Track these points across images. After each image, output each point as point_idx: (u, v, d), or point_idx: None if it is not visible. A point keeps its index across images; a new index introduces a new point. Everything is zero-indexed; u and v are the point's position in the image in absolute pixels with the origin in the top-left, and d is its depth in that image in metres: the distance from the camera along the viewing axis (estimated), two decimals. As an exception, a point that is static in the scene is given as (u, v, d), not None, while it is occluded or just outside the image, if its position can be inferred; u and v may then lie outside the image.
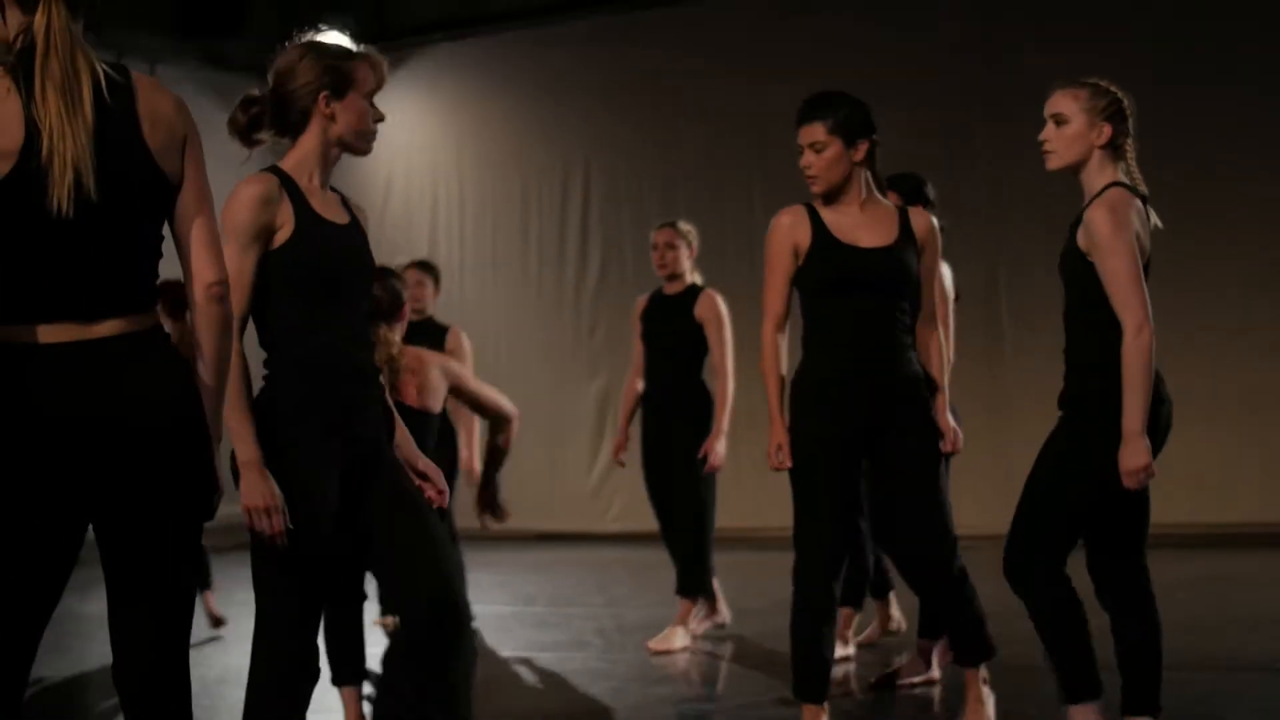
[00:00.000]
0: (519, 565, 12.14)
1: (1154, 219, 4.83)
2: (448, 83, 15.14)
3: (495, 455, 6.24)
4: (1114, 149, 4.81)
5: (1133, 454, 4.60)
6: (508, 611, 9.62)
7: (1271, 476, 11.48)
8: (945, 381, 5.66)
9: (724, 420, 7.76)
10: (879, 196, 5.51)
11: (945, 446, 5.54)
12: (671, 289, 8.16)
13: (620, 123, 14.18)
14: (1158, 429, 4.72)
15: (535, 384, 13.77)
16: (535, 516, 12.57)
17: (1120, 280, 4.63)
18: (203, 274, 3.37)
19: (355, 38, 4.53)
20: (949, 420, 5.58)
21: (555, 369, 14.23)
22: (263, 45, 4.79)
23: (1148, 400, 4.61)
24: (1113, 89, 4.84)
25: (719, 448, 7.72)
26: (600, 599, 10.20)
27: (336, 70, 4.30)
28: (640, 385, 8.21)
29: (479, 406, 6.36)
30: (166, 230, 3.39)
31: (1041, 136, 4.87)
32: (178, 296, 6.37)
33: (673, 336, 8.02)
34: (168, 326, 6.00)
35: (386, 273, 5.93)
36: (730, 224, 13.48)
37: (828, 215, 5.43)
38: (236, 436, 4.01)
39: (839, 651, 6.60)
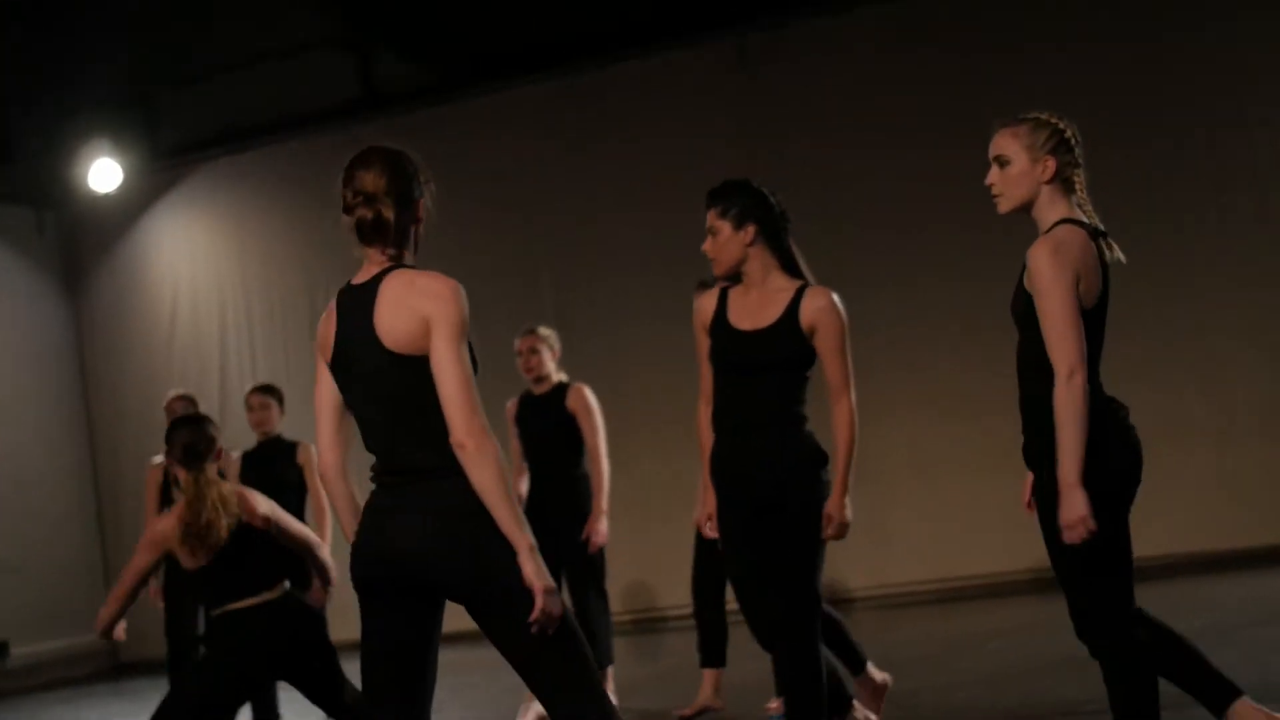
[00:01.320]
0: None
1: (1115, 253, 4.68)
2: (227, 197, 15.07)
3: (323, 577, 6.56)
4: (1063, 182, 4.65)
5: (1069, 506, 4.43)
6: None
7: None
8: (843, 461, 5.64)
9: (603, 501, 8.43)
10: (782, 277, 5.71)
11: (826, 533, 5.58)
12: (540, 389, 8.74)
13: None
14: (1126, 470, 4.59)
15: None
16: (342, 628, 12.42)
17: (1053, 322, 4.47)
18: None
19: (127, 160, 4.60)
20: (838, 502, 5.60)
21: (360, 473, 14.10)
22: (31, 171, 4.75)
23: (1082, 448, 4.41)
24: (1053, 120, 4.69)
25: (601, 527, 8.40)
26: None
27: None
28: (524, 483, 8.66)
29: (292, 543, 6.43)
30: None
31: (987, 181, 4.75)
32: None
33: (550, 432, 8.60)
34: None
35: (201, 419, 6.47)
36: (517, 309, 13.59)
37: (733, 296, 5.74)
38: None
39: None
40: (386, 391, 4.07)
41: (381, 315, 4.09)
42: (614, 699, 8.09)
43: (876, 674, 6.73)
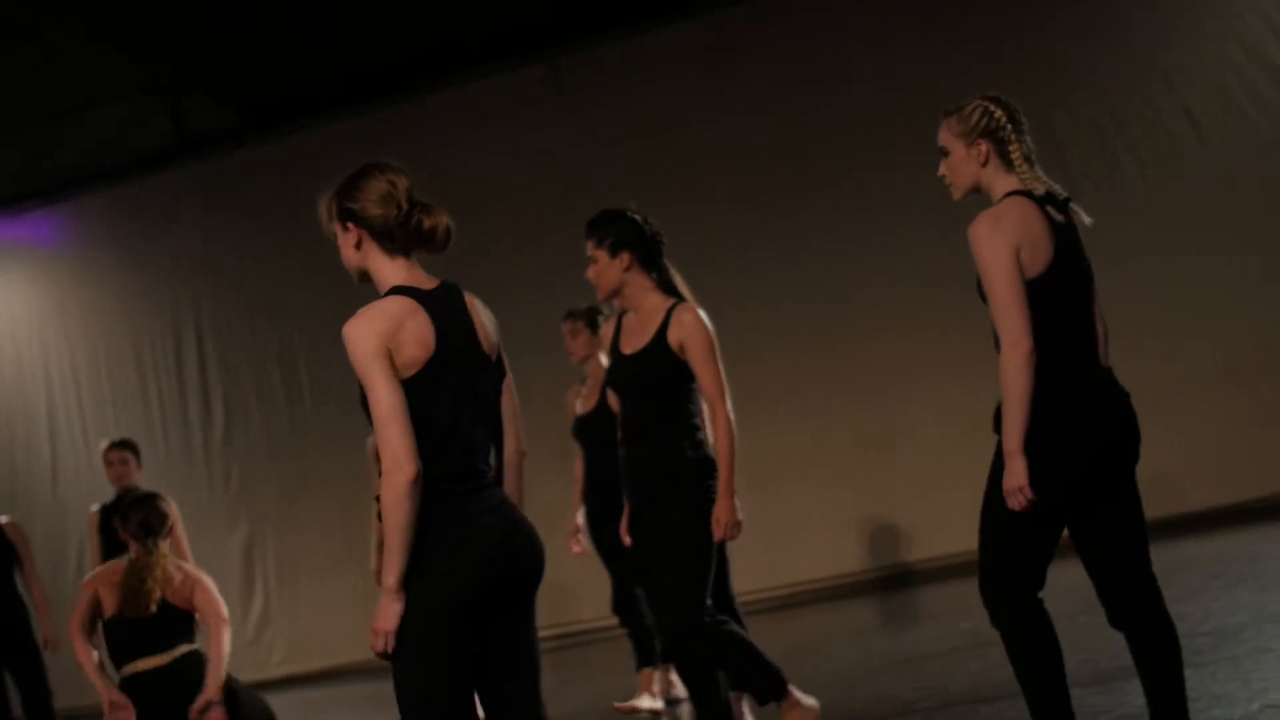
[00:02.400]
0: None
1: (1079, 217, 4.69)
2: (45, 251, 14.86)
3: (214, 663, 6.86)
4: (1001, 159, 4.70)
5: (1009, 474, 4.45)
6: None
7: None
8: (723, 467, 5.85)
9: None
10: (658, 298, 6.03)
11: (716, 533, 5.80)
12: None
13: (226, 268, 14.18)
14: (1078, 447, 4.52)
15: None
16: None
17: (993, 295, 4.50)
18: None
19: None
20: (725, 505, 5.81)
21: (194, 526, 13.97)
22: None
23: (1022, 418, 4.42)
24: (982, 103, 4.76)
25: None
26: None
27: None
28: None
29: (205, 612, 6.97)
30: None
31: (939, 173, 4.83)
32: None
33: None
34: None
35: (154, 496, 7.00)
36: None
37: (625, 322, 6.15)
38: None
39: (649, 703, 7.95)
40: (484, 395, 4.03)
41: (477, 325, 4.08)
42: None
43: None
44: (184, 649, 6.90)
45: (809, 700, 6.09)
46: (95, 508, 9.67)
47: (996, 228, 4.53)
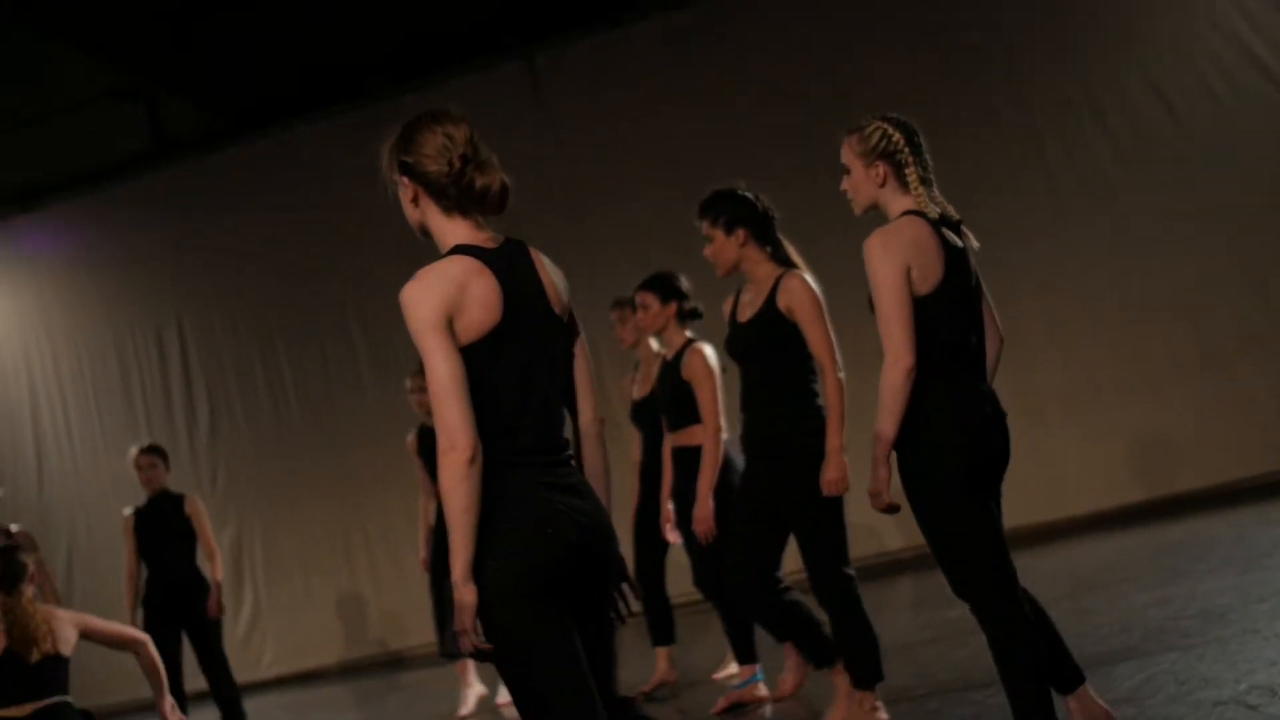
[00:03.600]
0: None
1: (968, 240, 4.83)
2: (24, 255, 14.83)
3: (154, 679, 6.78)
4: (899, 181, 4.83)
5: (873, 479, 4.67)
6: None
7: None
8: (832, 427, 6.02)
9: None
10: (771, 268, 6.25)
11: (824, 490, 6.00)
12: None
13: (206, 270, 14.17)
14: (964, 454, 4.65)
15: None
16: (187, 676, 12.29)
17: (880, 309, 4.64)
18: None
19: None
20: (833, 463, 5.99)
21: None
22: None
23: (892, 425, 4.59)
24: (882, 125, 4.86)
25: None
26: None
27: None
28: (433, 507, 9.11)
29: (112, 643, 6.91)
30: None
31: (842, 188, 4.96)
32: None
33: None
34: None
35: (10, 549, 6.97)
36: (330, 352, 13.67)
37: (741, 293, 6.39)
38: None
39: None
40: (558, 359, 3.74)
41: (546, 284, 3.75)
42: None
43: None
44: (52, 700, 6.77)
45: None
46: (129, 511, 9.80)
47: (889, 245, 4.65)
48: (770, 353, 6.19)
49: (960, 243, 4.79)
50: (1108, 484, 11.77)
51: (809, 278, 6.19)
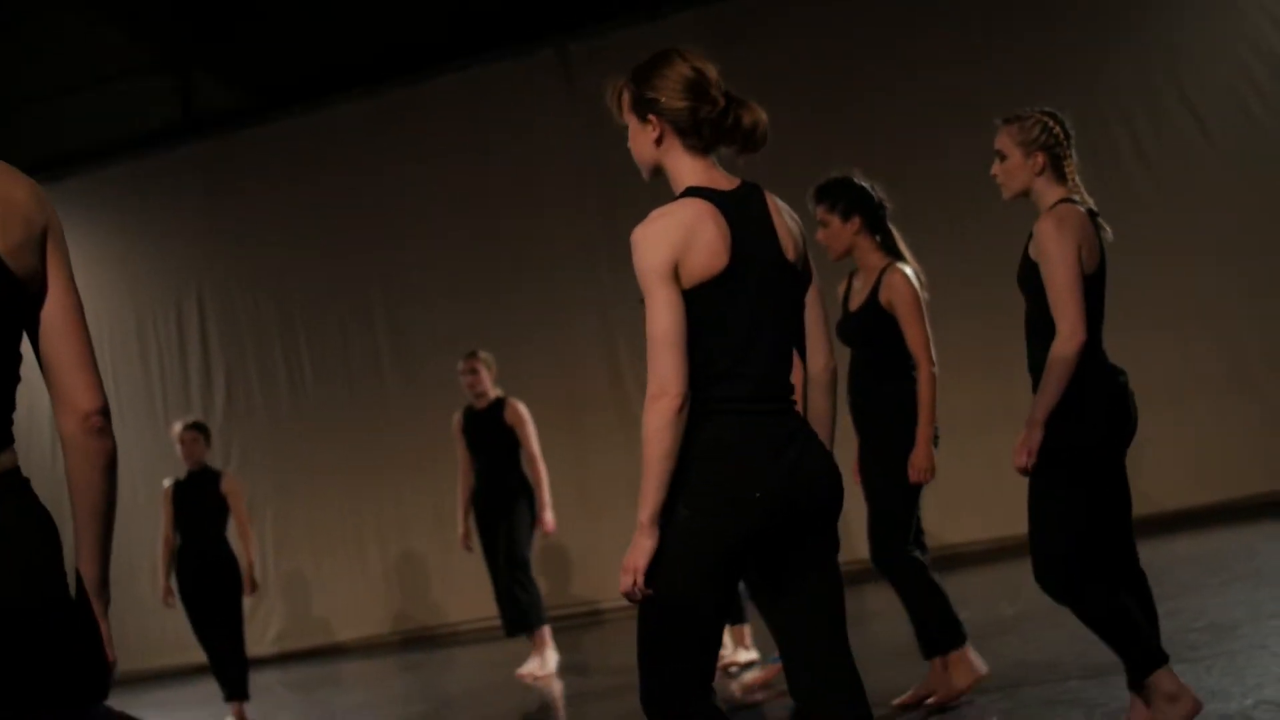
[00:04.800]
0: (182, 700, 11.92)
1: (1106, 232, 5.07)
2: (50, 225, 14.86)
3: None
4: (1054, 171, 5.09)
5: (1028, 439, 4.86)
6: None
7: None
8: (922, 416, 6.25)
9: (546, 495, 9.78)
10: (879, 257, 6.45)
11: (910, 475, 6.25)
12: (480, 404, 9.98)
13: (230, 245, 14.19)
14: (1109, 432, 4.98)
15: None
16: (193, 650, 12.33)
17: (1057, 286, 4.86)
18: (77, 401, 2.98)
19: None
20: (920, 451, 6.23)
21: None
22: None
23: (1056, 396, 4.82)
24: (1043, 117, 5.14)
25: (548, 516, 9.76)
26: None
27: None
28: (470, 484, 9.97)
29: None
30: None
31: (991, 172, 5.20)
32: None
33: (492, 440, 9.86)
34: None
35: None
36: (350, 333, 13.70)
37: (854, 280, 6.59)
38: None
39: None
40: (786, 307, 3.64)
41: (780, 229, 3.65)
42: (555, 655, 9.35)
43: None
44: None
45: (979, 662, 6.40)
46: (168, 482, 10.15)
47: (1064, 226, 4.91)
48: (873, 342, 6.43)
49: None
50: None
51: (910, 272, 6.39)
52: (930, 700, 6.40)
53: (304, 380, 14.07)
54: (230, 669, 9.63)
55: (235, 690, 9.61)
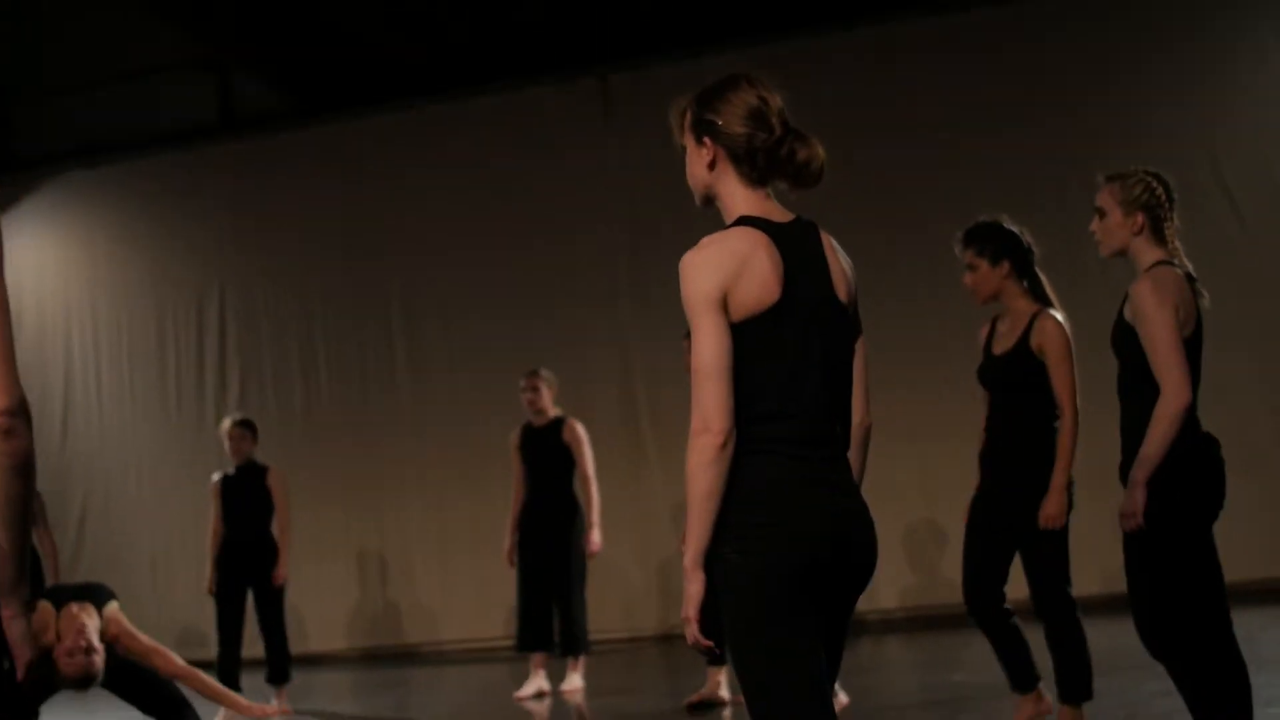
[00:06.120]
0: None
1: (1204, 298, 5.10)
2: (79, 210, 14.91)
3: (217, 698, 7.37)
4: (1153, 232, 5.13)
5: (1129, 499, 4.90)
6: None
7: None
8: (1058, 462, 6.28)
9: (596, 515, 9.96)
10: (1027, 303, 6.46)
11: (1041, 521, 6.26)
12: (539, 422, 10.17)
13: (256, 246, 14.21)
14: (1206, 499, 5.01)
15: (182, 510, 13.57)
16: (198, 645, 12.27)
17: (1159, 347, 4.90)
18: None
19: None
20: (1053, 499, 6.25)
21: (201, 494, 14.04)
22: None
23: (1161, 455, 4.86)
24: (1147, 177, 5.19)
25: (596, 536, 9.94)
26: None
27: None
28: (521, 500, 10.11)
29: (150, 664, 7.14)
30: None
31: (1090, 228, 5.25)
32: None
33: (547, 458, 10.07)
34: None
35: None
36: (368, 342, 13.71)
37: (999, 323, 6.59)
38: None
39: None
40: (837, 350, 3.49)
41: (834, 269, 3.52)
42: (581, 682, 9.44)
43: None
44: None
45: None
46: (216, 477, 10.61)
47: (1162, 290, 4.94)
48: (1018, 388, 6.41)
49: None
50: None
51: (1061, 318, 6.40)
52: None
53: (318, 383, 14.07)
54: (274, 655, 10.09)
55: (277, 676, 10.09)
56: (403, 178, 13.70)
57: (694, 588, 3.29)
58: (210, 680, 7.29)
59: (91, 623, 6.69)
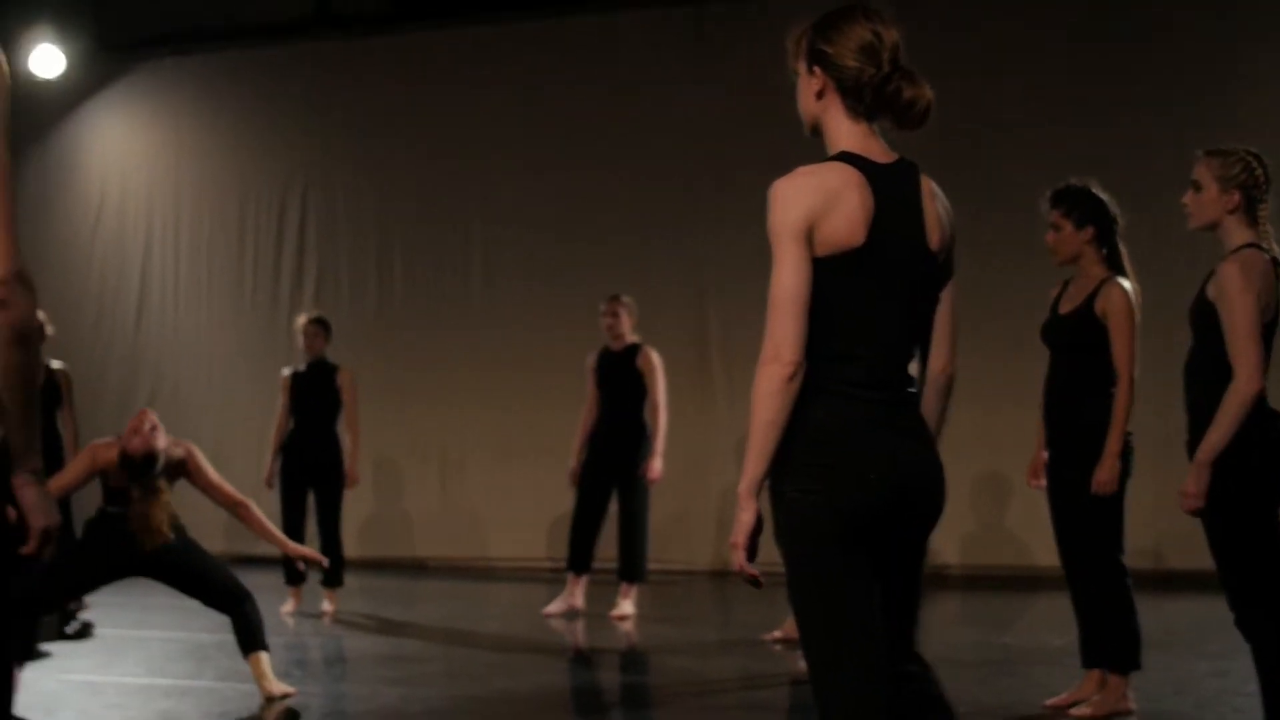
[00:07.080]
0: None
1: None
2: (168, 99, 14.93)
3: (266, 536, 7.57)
4: (1247, 212, 5.10)
5: (1193, 479, 4.94)
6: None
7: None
8: (1112, 429, 6.30)
9: (660, 444, 10.06)
10: (1101, 269, 6.49)
11: (1095, 488, 6.28)
12: (616, 346, 10.28)
13: (343, 147, 14.20)
14: (1270, 476, 4.98)
15: (251, 404, 13.63)
16: (253, 539, 12.35)
17: (1238, 332, 4.90)
18: None
19: (71, 49, 4.37)
20: (1106, 465, 6.26)
21: (266, 390, 14.12)
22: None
23: (1227, 438, 4.87)
24: (1248, 156, 5.15)
25: (657, 464, 10.02)
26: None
27: None
28: (591, 422, 10.23)
29: (216, 498, 7.50)
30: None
31: (1183, 200, 5.23)
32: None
33: (621, 383, 10.17)
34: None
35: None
36: (445, 254, 13.72)
37: (1070, 284, 6.61)
38: None
39: None
40: (919, 297, 3.46)
41: (929, 214, 3.47)
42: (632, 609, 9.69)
43: None
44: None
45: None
46: (287, 371, 10.87)
47: (1249, 273, 4.95)
48: (1079, 350, 6.44)
49: None
50: (1184, 544, 11.56)
51: (1129, 287, 6.40)
52: (1078, 711, 6.43)
53: (392, 286, 14.07)
54: (328, 557, 9.76)
55: (331, 579, 10.23)
56: (491, 92, 13.63)
57: (745, 515, 3.27)
58: (263, 517, 7.42)
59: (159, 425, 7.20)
